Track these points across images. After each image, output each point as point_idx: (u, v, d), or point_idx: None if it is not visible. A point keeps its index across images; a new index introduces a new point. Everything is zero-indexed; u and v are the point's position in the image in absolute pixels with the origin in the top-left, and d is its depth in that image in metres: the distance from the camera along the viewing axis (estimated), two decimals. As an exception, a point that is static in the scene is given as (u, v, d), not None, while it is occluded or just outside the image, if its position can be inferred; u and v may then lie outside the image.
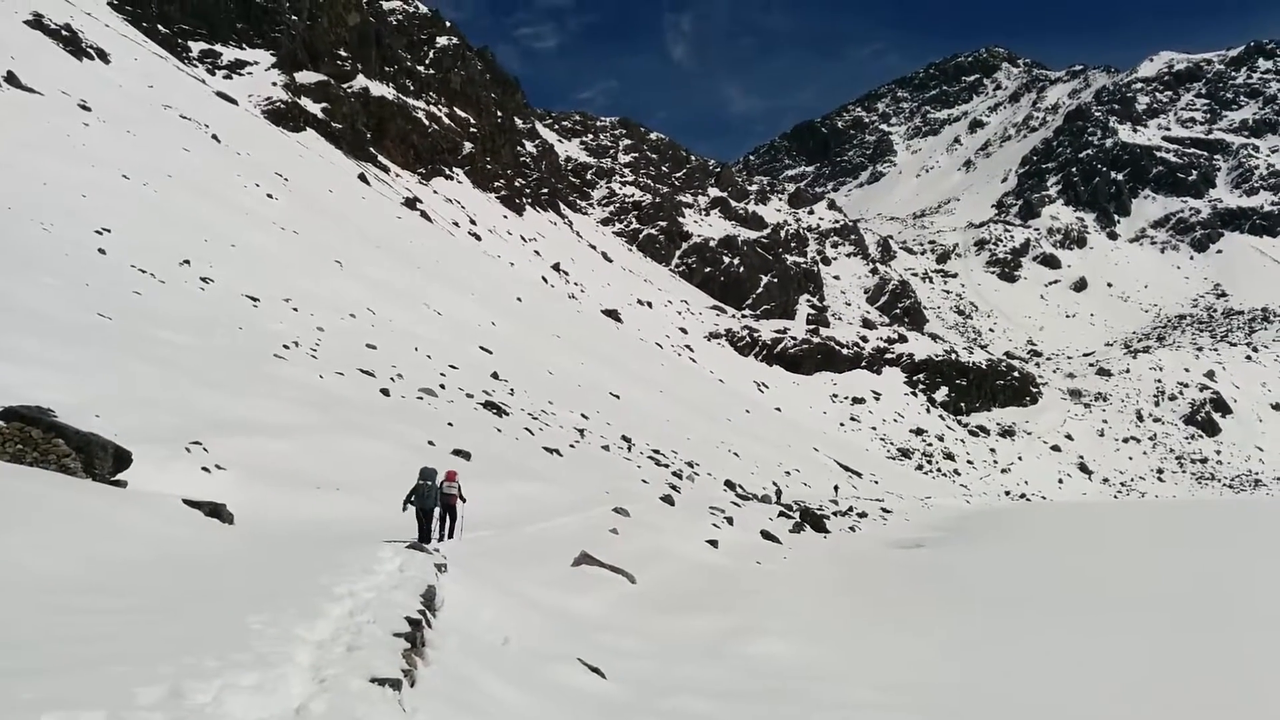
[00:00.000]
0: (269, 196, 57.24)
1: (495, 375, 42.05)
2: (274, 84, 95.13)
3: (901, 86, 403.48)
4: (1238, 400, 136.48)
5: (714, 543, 21.34)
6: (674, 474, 37.22)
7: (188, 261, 33.23)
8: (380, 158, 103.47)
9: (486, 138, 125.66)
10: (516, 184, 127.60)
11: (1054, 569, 22.74)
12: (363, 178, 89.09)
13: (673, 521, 22.70)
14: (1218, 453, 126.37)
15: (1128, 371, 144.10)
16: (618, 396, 56.39)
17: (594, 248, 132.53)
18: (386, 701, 6.00)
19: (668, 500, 26.10)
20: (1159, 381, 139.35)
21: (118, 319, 22.11)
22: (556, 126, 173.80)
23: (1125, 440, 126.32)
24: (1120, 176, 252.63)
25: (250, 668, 5.80)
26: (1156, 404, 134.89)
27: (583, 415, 42.84)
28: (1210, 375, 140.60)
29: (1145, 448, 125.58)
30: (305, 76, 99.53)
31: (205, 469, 14.80)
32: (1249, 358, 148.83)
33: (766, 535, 24.66)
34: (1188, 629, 13.19)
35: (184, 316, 26.07)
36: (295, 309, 34.98)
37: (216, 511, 12.22)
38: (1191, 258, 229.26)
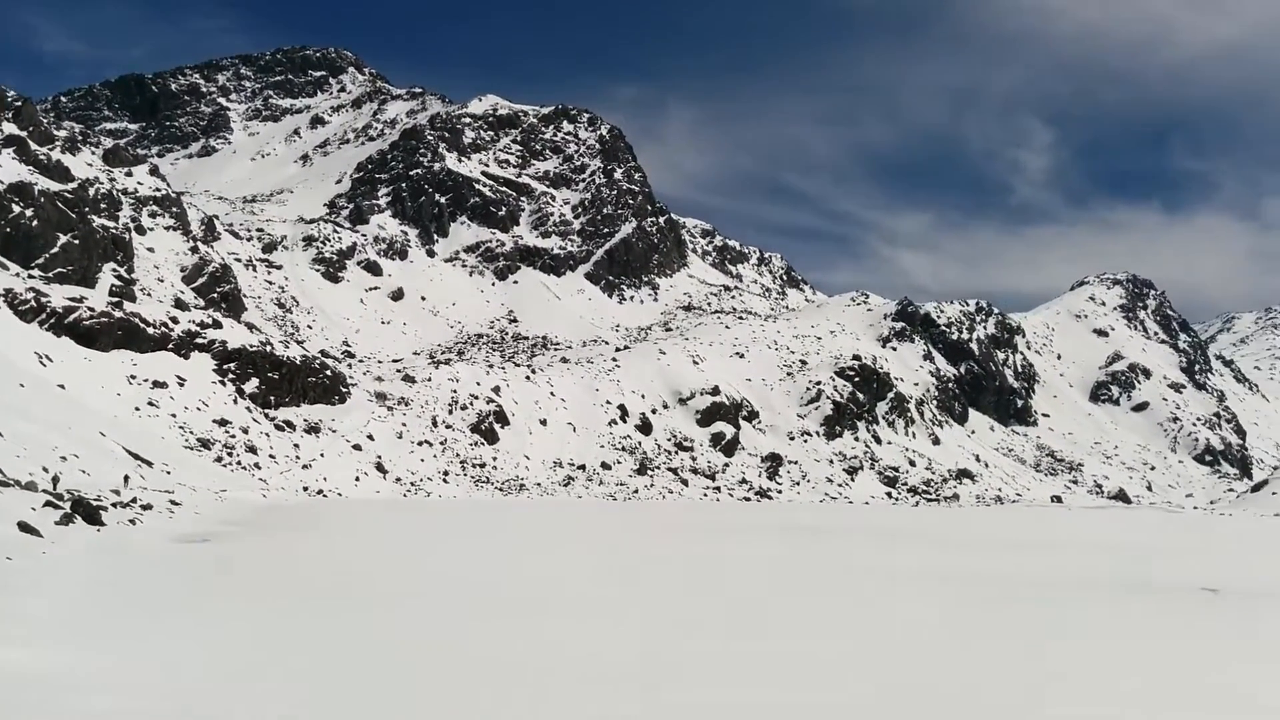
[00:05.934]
0: None
1: None
2: None
3: (246, 64, 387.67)
4: (515, 414, 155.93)
5: (-48, 536, 18.02)
6: (-93, 453, 30.78)
7: None
8: None
9: None
10: None
11: (336, 560, 23.66)
12: None
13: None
14: (495, 459, 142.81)
15: (430, 380, 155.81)
16: None
17: None
18: None
19: (-108, 484, 21.44)
20: (455, 392, 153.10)
21: None
22: None
23: (420, 443, 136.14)
24: (444, 200, 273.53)
25: None
26: (450, 412, 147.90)
27: None
28: (497, 390, 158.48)
29: (436, 451, 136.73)
30: None
31: None
32: (528, 378, 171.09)
33: (25, 527, 21.56)
34: (458, 605, 14.73)
35: None
36: None
37: None
38: (494, 284, 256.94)
